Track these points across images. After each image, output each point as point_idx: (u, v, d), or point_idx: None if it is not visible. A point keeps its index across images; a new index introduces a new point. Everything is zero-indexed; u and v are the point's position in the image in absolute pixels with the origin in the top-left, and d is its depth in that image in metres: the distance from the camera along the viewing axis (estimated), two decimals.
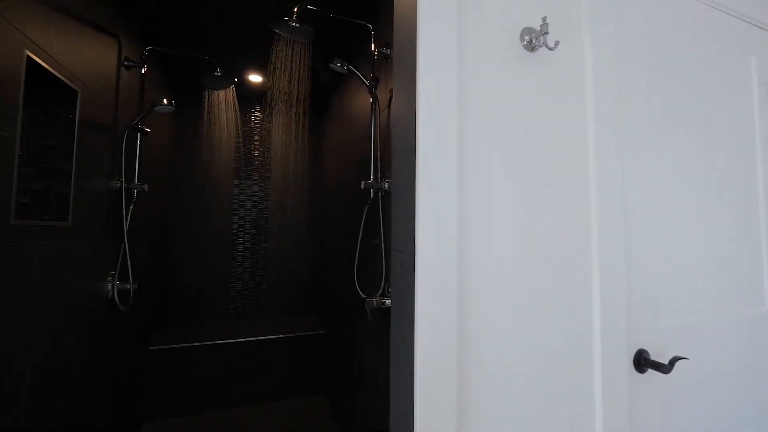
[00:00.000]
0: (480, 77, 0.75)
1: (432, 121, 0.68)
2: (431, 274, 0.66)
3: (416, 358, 0.65)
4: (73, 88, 1.20)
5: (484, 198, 0.73)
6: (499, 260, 0.73)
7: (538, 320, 0.75)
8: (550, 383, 0.76)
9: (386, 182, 1.40)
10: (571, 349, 0.78)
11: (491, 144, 0.74)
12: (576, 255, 0.79)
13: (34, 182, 1.15)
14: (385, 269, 1.36)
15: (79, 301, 1.27)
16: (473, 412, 0.69)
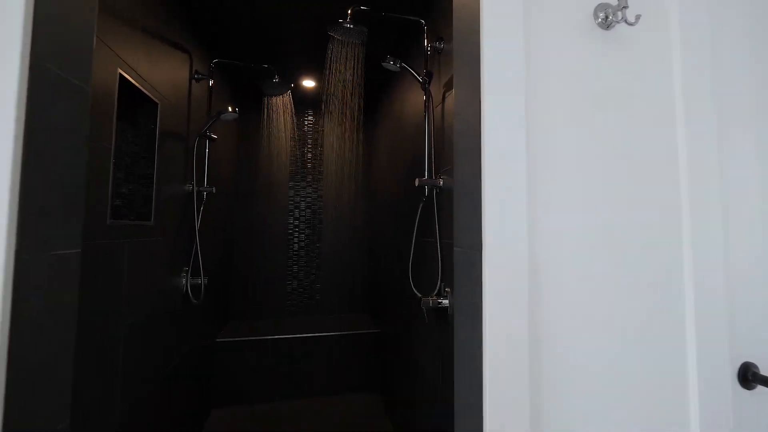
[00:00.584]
0: (549, 59, 0.70)
1: (498, 108, 0.65)
2: (500, 271, 0.63)
3: (485, 358, 0.62)
4: (154, 101, 1.33)
5: (554, 189, 0.68)
6: (571, 255, 0.68)
7: (618, 321, 0.69)
8: (634, 390, 0.68)
9: (441, 179, 1.37)
10: (659, 355, 0.70)
11: (562, 132, 0.69)
12: (663, 250, 0.71)
13: (123, 186, 1.29)
14: (441, 267, 1.34)
15: (161, 293, 1.40)
16: (546, 416, 0.65)
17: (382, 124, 2.55)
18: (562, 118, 0.69)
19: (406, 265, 1.76)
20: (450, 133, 1.33)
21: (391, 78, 2.25)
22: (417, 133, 1.69)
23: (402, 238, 1.91)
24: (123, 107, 1.26)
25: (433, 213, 1.43)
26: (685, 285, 0.71)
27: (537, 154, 0.68)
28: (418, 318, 1.63)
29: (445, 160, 1.37)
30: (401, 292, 1.92)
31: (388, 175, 2.30)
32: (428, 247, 1.50)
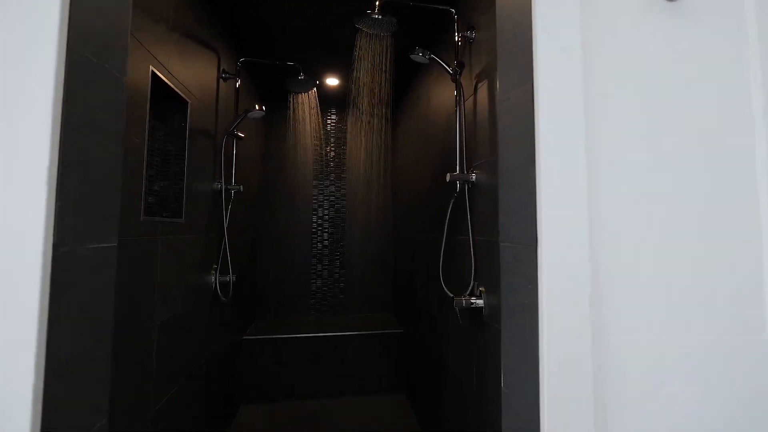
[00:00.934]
0: (608, 34, 0.63)
1: (553, 90, 0.59)
2: (558, 268, 0.57)
3: (542, 363, 0.56)
4: (185, 99, 1.34)
5: (617, 176, 0.62)
6: (635, 250, 0.61)
7: (695, 326, 0.61)
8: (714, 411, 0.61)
9: (473, 174, 1.31)
10: (748, 365, 0.62)
11: (624, 113, 0.63)
12: (739, 248, 0.63)
13: (156, 183, 1.30)
14: (474, 266, 1.28)
15: (192, 290, 1.41)
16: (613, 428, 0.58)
17: (407, 120, 2.51)
18: (626, 98, 0.63)
19: (436, 263, 1.71)
20: (483, 126, 1.27)
21: (419, 71, 2.20)
22: (446, 128, 1.64)
23: (430, 235, 1.86)
24: (154, 105, 1.27)
25: (464, 209, 1.37)
26: None
27: (598, 137, 0.62)
28: (448, 318, 1.57)
29: (478, 154, 1.31)
30: (429, 292, 1.87)
31: (414, 171, 2.25)
32: (459, 245, 1.44)
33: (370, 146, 2.90)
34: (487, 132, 1.23)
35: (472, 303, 1.26)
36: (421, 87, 2.13)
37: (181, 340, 1.34)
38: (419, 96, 2.17)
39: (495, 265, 1.15)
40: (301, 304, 2.76)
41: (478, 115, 1.32)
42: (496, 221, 1.20)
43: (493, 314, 1.16)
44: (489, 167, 1.21)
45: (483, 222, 1.25)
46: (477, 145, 1.32)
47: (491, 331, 1.16)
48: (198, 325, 1.49)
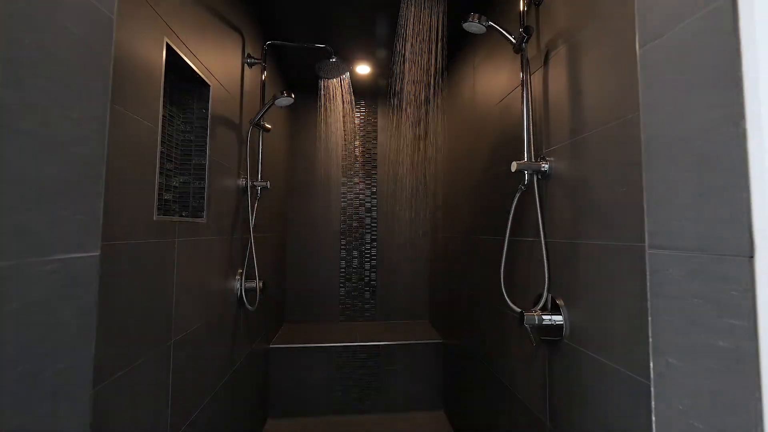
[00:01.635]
0: None
1: None
2: None
3: None
4: (206, 82, 1.17)
5: None
6: None
7: None
8: None
9: (546, 161, 1.08)
10: None
11: None
12: None
13: (174, 178, 1.14)
14: (548, 275, 1.05)
15: (215, 298, 1.25)
16: None
17: (448, 107, 2.28)
18: None
19: (490, 269, 1.48)
20: (559, 102, 1.03)
21: (461, 49, 1.97)
22: (501, 111, 1.40)
23: (481, 236, 1.63)
24: (171, 86, 1.11)
25: (533, 205, 1.14)
26: None
27: None
28: (506, 333, 1.34)
29: (551, 138, 1.07)
30: (478, 300, 1.64)
31: (459, 164, 2.03)
32: (523, 249, 1.21)
33: (404, 138, 2.69)
34: (566, 109, 1.00)
35: (547, 320, 1.03)
36: (464, 67, 1.90)
37: (203, 353, 1.18)
38: (462, 78, 1.95)
39: (579, 273, 0.92)
40: (330, 310, 2.59)
41: (550, 90, 1.08)
42: (578, 219, 0.97)
43: (577, 335, 0.93)
44: (569, 152, 0.97)
45: (559, 220, 1.02)
46: (550, 127, 1.08)
47: (575, 356, 0.93)
48: (222, 337, 1.33)
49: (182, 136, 1.18)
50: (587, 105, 0.91)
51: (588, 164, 0.90)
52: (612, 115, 0.82)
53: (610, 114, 0.83)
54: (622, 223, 0.78)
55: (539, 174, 1.11)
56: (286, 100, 1.48)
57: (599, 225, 0.85)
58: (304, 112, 2.62)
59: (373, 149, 2.69)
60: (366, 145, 2.69)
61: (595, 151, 0.87)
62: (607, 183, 0.83)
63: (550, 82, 1.09)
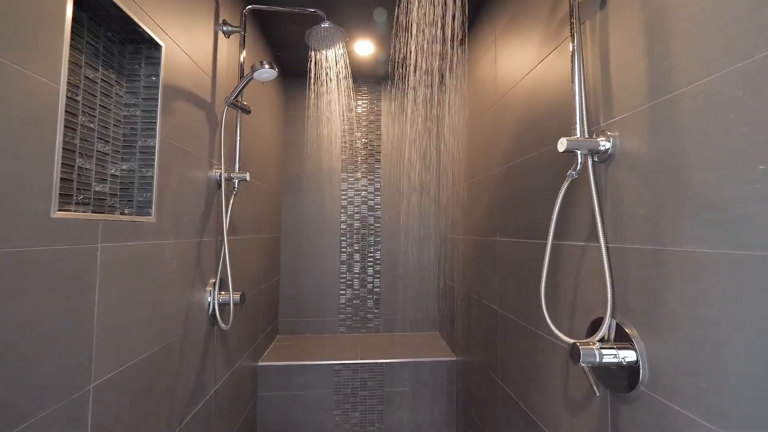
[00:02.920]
0: None
1: None
2: None
3: None
4: (155, 41, 0.91)
5: None
6: None
7: None
8: None
9: (608, 137, 0.79)
10: None
11: None
12: None
13: (113, 165, 0.87)
14: (611, 291, 0.76)
15: (175, 315, 0.98)
16: None
17: (468, 81, 1.99)
18: None
19: (517, 280, 1.19)
20: (626, 56, 0.74)
21: (484, 12, 1.68)
22: (539, 80, 1.12)
23: (502, 238, 1.34)
24: (108, 42, 0.84)
25: (587, 198, 0.85)
26: None
27: None
28: (541, 360, 1.05)
29: (613, 104, 0.78)
30: (500, 314, 1.35)
31: (479, 152, 1.74)
32: (569, 256, 0.92)
33: (413, 123, 2.41)
34: (640, 61, 0.71)
35: (611, 356, 0.74)
36: (483, 40, 1.61)
37: (161, 390, 0.91)
38: (480, 53, 1.66)
39: (668, 291, 0.63)
40: (328, 320, 2.32)
41: (612, 41, 0.80)
42: (665, 215, 0.68)
43: (664, 383, 0.64)
44: (647, 121, 0.68)
45: (628, 217, 0.73)
46: (611, 90, 0.79)
47: (661, 416, 0.64)
48: (189, 364, 1.06)
49: (125, 111, 0.91)
50: (678, 49, 0.62)
51: (684, 135, 0.61)
52: (728, 58, 0.53)
53: (724, 56, 0.54)
54: (756, 221, 0.49)
55: (596, 155, 0.82)
56: (267, 73, 1.20)
57: (706, 224, 0.56)
58: (299, 97, 2.35)
59: (376, 140, 2.42)
60: (369, 136, 2.41)
61: (698, 115, 0.58)
62: (722, 161, 0.54)
63: (611, 31, 0.80)
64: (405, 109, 2.42)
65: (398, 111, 2.42)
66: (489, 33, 1.54)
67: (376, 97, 2.41)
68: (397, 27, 1.61)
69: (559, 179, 0.98)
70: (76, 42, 0.76)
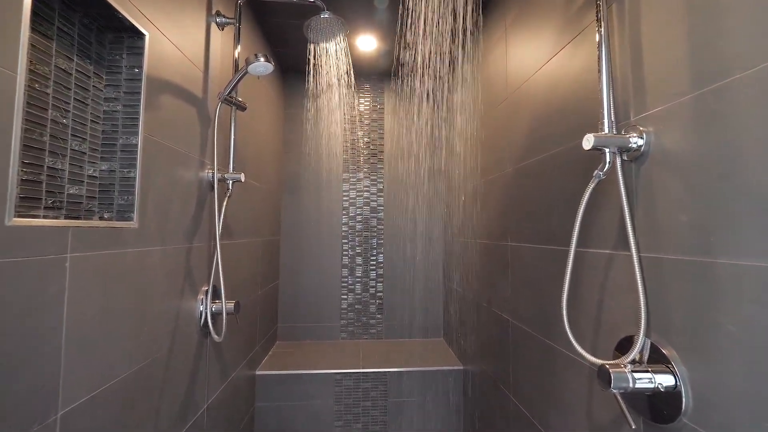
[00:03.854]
0: None
1: None
2: None
3: None
4: (138, 29, 0.83)
5: None
6: None
7: None
8: None
9: (640, 133, 0.70)
10: None
11: None
12: None
13: (90, 165, 0.80)
14: (645, 306, 0.67)
15: (161, 328, 0.89)
16: None
17: (475, 75, 1.91)
18: None
19: (531, 288, 1.10)
20: (660, 39, 0.66)
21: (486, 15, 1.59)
22: (557, 72, 1.03)
23: (514, 243, 1.25)
24: (83, 29, 0.76)
25: (616, 202, 0.77)
26: None
27: None
28: (559, 378, 0.97)
29: (646, 95, 0.70)
30: (511, 324, 1.27)
31: (489, 150, 1.65)
32: (593, 265, 0.84)
33: (417, 122, 2.32)
34: (680, 45, 0.62)
35: (645, 380, 0.65)
36: (492, 32, 1.52)
37: (144, 411, 0.84)
38: (489, 46, 1.57)
39: (716, 309, 0.55)
40: (329, 325, 2.23)
41: (644, 24, 0.71)
42: (712, 222, 0.59)
43: (712, 414, 0.55)
44: (690, 114, 0.60)
45: (666, 224, 0.64)
46: (644, 79, 0.71)
47: None
48: (177, 380, 0.98)
49: (105, 106, 0.83)
50: (732, 29, 0.53)
51: (740, 129, 0.52)
52: None
53: None
54: None
55: (625, 153, 0.73)
56: (263, 66, 1.12)
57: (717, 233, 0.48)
58: (298, 95, 2.27)
59: (379, 139, 2.33)
60: (371, 135, 2.33)
61: (758, 105, 0.50)
62: None
63: (644, 13, 0.71)
64: (410, 106, 2.33)
65: (403, 107, 2.33)
66: (499, 24, 1.46)
67: (379, 95, 2.33)
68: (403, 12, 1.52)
69: (580, 180, 0.89)
70: (45, 28, 0.68)
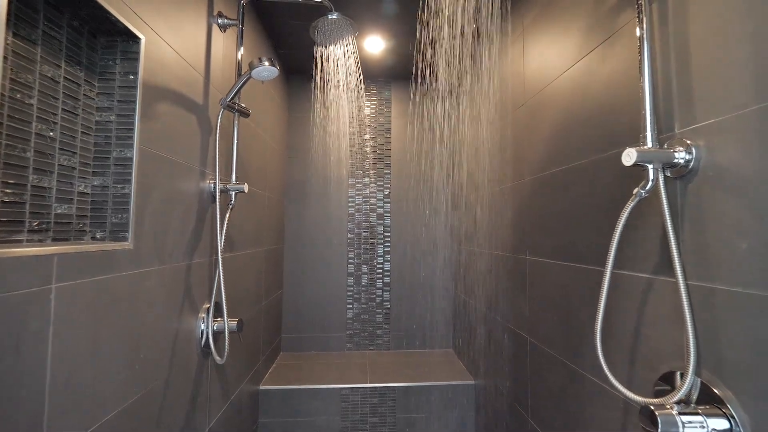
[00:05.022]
0: None
1: None
2: None
3: None
4: (133, 33, 0.76)
5: None
6: None
7: None
8: None
9: (688, 148, 0.63)
10: None
11: None
12: None
13: (81, 180, 0.73)
14: (694, 341, 0.60)
15: (159, 354, 0.83)
16: None
17: (491, 70, 1.84)
18: None
19: (555, 309, 1.03)
20: (715, 41, 0.59)
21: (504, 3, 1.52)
22: (583, 76, 0.96)
23: (532, 257, 1.18)
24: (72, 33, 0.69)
25: (657, 221, 0.69)
26: None
27: None
28: (588, 407, 0.90)
29: (695, 104, 0.63)
30: (529, 342, 1.20)
31: (507, 154, 1.59)
32: (630, 289, 0.76)
33: (426, 127, 2.25)
34: (746, 49, 0.55)
35: (697, 425, 0.58)
36: (509, 30, 1.45)
37: None
38: (505, 47, 1.50)
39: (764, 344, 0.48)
40: (334, 336, 2.17)
41: (693, 23, 0.64)
42: None
43: None
44: (759, 127, 0.53)
45: (721, 251, 0.57)
46: (693, 87, 0.63)
47: None
48: (177, 407, 0.92)
49: (97, 116, 0.77)
50: None
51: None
52: None
53: None
54: None
55: (668, 168, 0.66)
56: (267, 71, 1.06)
57: None
58: (303, 98, 2.21)
59: (386, 144, 2.26)
60: (378, 139, 2.26)
61: None
62: None
63: (693, 13, 0.64)
64: (420, 109, 2.27)
65: (412, 111, 2.26)
66: (516, 25, 1.39)
67: (386, 98, 2.26)
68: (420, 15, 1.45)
69: (611, 195, 0.82)
70: (28, 32, 0.62)
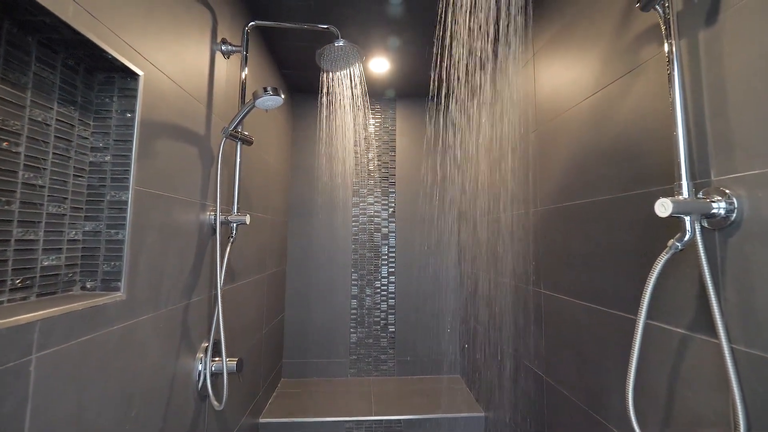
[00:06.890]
0: None
1: None
2: None
3: None
4: (131, 70, 0.72)
5: None
6: None
7: None
8: None
9: (724, 198, 0.58)
10: None
11: None
12: None
13: (71, 227, 0.68)
14: (743, 406, 0.54)
15: (150, 406, 0.77)
16: None
17: (501, 94, 1.80)
18: None
19: (572, 350, 0.96)
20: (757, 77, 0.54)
21: None
22: (605, 106, 0.91)
23: (546, 291, 1.12)
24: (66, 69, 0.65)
25: (693, 273, 0.64)
26: None
27: None
28: None
29: (735, 149, 0.58)
30: (545, 382, 1.13)
31: (517, 181, 1.54)
32: (661, 342, 0.70)
33: (432, 146, 2.21)
34: None
35: None
36: (518, 55, 1.41)
37: None
38: (515, 71, 1.46)
39: None
40: (337, 361, 2.10)
41: (729, 67, 0.59)
42: None
43: None
44: None
45: (765, 315, 0.52)
46: (733, 134, 0.58)
47: None
48: None
49: (92, 156, 0.73)
50: None
51: None
52: None
53: None
54: None
55: (705, 219, 0.61)
56: (271, 100, 1.02)
57: None
58: (308, 117, 2.17)
59: (390, 162, 2.22)
60: (382, 158, 2.22)
61: None
62: None
63: (728, 53, 0.59)
64: (425, 128, 2.23)
65: (419, 131, 2.23)
66: (527, 50, 1.35)
67: (391, 116, 2.22)
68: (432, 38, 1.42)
69: (636, 235, 0.77)
70: (16, 76, 0.57)
